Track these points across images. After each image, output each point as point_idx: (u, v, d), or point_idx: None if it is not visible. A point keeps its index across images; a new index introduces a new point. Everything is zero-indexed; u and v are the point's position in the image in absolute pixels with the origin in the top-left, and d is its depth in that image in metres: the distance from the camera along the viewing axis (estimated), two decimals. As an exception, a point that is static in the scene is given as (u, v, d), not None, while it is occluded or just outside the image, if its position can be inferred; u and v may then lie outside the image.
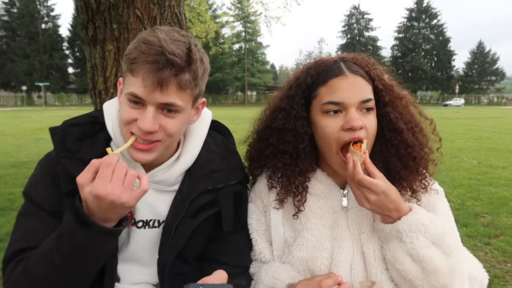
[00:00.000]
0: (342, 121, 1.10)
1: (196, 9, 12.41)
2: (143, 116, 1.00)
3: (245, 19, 57.48)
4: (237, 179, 1.24)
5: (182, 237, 1.14)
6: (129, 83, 1.01)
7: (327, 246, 1.16)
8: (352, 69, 1.13)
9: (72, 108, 41.42)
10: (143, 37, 1.01)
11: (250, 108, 43.55)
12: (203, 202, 1.16)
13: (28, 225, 1.12)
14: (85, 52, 2.25)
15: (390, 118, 1.14)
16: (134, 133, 1.03)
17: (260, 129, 1.29)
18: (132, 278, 1.18)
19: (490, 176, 7.07)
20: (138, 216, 1.17)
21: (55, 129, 1.15)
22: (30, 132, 15.06)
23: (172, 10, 2.16)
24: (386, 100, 1.15)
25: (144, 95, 0.99)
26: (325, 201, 1.20)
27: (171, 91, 0.99)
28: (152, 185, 1.16)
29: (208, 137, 1.26)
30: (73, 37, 57.08)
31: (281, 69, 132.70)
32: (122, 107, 1.05)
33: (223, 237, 1.23)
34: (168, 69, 0.97)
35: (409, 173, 1.15)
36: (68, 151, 1.10)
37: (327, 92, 1.12)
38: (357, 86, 1.11)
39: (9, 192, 5.82)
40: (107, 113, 1.18)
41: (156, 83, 0.97)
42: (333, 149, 1.13)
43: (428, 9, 64.98)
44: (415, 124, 1.19)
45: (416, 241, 1.02)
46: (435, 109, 41.24)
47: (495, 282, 3.14)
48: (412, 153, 1.15)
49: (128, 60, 1.01)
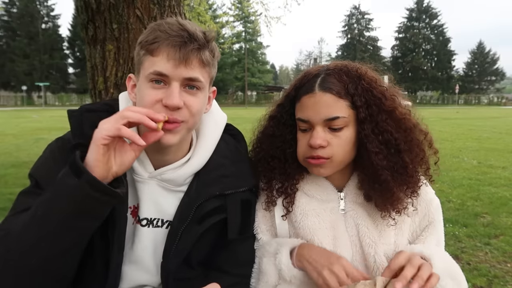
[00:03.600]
0: (309, 137, 1.13)
1: (196, 9, 12.40)
2: (169, 92, 1.00)
3: (245, 19, 57.51)
4: (247, 186, 1.21)
5: (187, 243, 1.12)
6: (150, 64, 1.01)
7: (330, 246, 1.16)
8: (324, 85, 1.11)
9: (72, 108, 41.34)
10: (158, 22, 1.04)
11: (250, 108, 43.69)
12: (210, 208, 1.14)
13: (30, 203, 1.03)
14: (85, 52, 2.25)
15: (361, 136, 1.12)
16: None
17: (257, 134, 1.33)
18: (134, 279, 1.16)
19: (490, 176, 7.07)
20: (142, 214, 1.15)
21: (74, 111, 1.14)
22: (30, 132, 15.06)
23: (172, 10, 2.16)
24: (362, 116, 1.11)
25: (169, 71, 0.99)
26: (322, 203, 1.21)
27: (195, 66, 1.01)
28: (159, 183, 1.14)
29: (221, 141, 1.23)
30: (73, 37, 57.00)
31: (281, 69, 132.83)
32: (142, 92, 1.04)
33: (227, 245, 1.20)
34: (191, 44, 0.99)
35: (378, 196, 1.12)
36: (84, 134, 1.08)
37: (299, 109, 1.16)
38: (323, 104, 1.10)
39: (9, 192, 5.83)
40: (122, 101, 1.18)
41: (182, 57, 0.99)
42: (301, 161, 1.19)
43: (428, 9, 64.97)
44: (405, 140, 1.12)
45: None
46: (435, 109, 41.25)
47: (495, 282, 3.15)
48: (381, 176, 1.09)
49: (146, 43, 1.01)
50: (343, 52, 69.11)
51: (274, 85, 73.94)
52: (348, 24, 70.00)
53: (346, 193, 1.22)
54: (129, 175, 1.13)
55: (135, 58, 1.08)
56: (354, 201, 1.20)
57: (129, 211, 1.13)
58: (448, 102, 61.46)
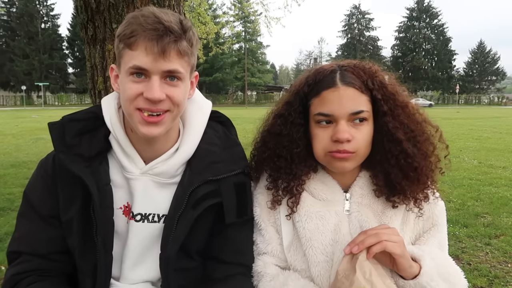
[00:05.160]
0: (332, 132, 1.12)
1: (196, 9, 12.39)
2: (149, 86, 1.01)
3: (245, 19, 57.49)
4: (239, 169, 1.21)
5: (183, 229, 1.12)
6: (129, 58, 1.02)
7: (328, 250, 1.16)
8: (346, 80, 1.12)
9: (72, 108, 41.23)
10: (134, 14, 1.03)
11: (250, 108, 43.65)
12: (203, 192, 1.14)
13: (23, 227, 1.14)
14: (85, 52, 2.25)
15: (388, 128, 1.13)
16: (141, 107, 1.03)
17: (262, 132, 1.31)
18: (131, 276, 1.16)
19: (490, 176, 7.08)
20: (136, 209, 1.15)
21: (54, 124, 1.14)
22: (30, 132, 15.06)
23: (172, 10, 2.16)
24: (384, 110, 1.13)
25: (148, 65, 1.00)
26: (327, 204, 1.20)
27: (173, 58, 1.01)
28: (152, 178, 1.14)
29: (209, 128, 1.23)
30: (73, 36, 57.04)
31: (281, 69, 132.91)
32: (124, 86, 1.04)
33: (225, 231, 1.19)
34: (168, 36, 0.99)
35: (410, 183, 1.14)
36: (67, 146, 1.10)
37: (319, 103, 1.14)
38: (348, 98, 1.10)
39: (8, 192, 5.82)
40: (105, 107, 1.17)
41: (160, 51, 0.99)
42: (321, 156, 1.17)
43: (428, 9, 64.98)
44: (420, 133, 1.16)
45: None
46: (435, 109, 41.23)
47: (495, 283, 3.14)
48: (413, 163, 1.13)
49: (124, 36, 1.01)
50: (343, 52, 69.13)
51: (274, 85, 73.96)
52: (348, 24, 70.01)
53: (351, 193, 1.21)
54: (120, 174, 1.15)
55: (115, 50, 1.08)
56: (359, 202, 1.20)
57: (120, 211, 1.14)
58: (449, 102, 61.51)
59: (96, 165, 1.11)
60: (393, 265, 1.08)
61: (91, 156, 1.11)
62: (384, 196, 1.18)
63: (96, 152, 1.12)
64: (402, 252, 1.05)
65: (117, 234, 1.14)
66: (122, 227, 1.14)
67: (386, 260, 1.08)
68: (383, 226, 1.11)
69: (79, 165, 1.09)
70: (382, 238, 1.04)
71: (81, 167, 1.08)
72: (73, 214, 1.10)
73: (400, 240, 1.06)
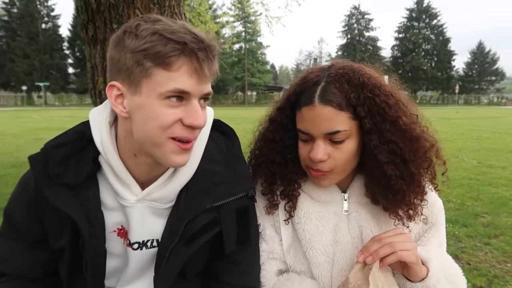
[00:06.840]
0: (310, 148, 1.11)
1: (196, 9, 12.40)
2: (192, 111, 0.90)
3: (245, 19, 57.52)
4: (242, 191, 1.07)
5: (177, 263, 1.03)
6: (166, 80, 0.87)
7: (329, 250, 1.16)
8: (324, 97, 1.06)
9: (72, 108, 41.45)
10: (162, 27, 0.87)
11: (250, 108, 43.62)
12: (200, 225, 1.02)
13: (5, 249, 1.06)
14: (85, 52, 2.26)
15: (370, 147, 1.08)
16: (176, 136, 0.91)
17: (258, 135, 1.30)
18: None
19: (490, 176, 7.07)
20: (133, 238, 1.05)
21: (36, 157, 1.00)
22: (30, 132, 15.06)
23: (172, 10, 2.16)
24: (368, 128, 1.07)
25: (192, 88, 0.89)
26: (326, 205, 1.20)
27: (209, 79, 0.93)
28: (149, 204, 1.03)
29: (210, 142, 1.09)
30: (73, 37, 56.97)
31: (281, 69, 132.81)
32: (154, 112, 0.89)
33: (226, 255, 1.09)
34: (208, 57, 0.90)
35: (391, 205, 1.11)
36: (50, 177, 0.97)
37: (299, 119, 1.12)
38: (323, 118, 1.05)
39: (9, 192, 5.77)
40: (94, 124, 1.01)
41: (202, 73, 0.89)
42: (304, 168, 1.18)
43: (428, 9, 64.95)
44: (410, 151, 1.08)
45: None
46: (435, 109, 41.24)
47: (495, 282, 3.15)
48: (394, 186, 1.07)
49: (159, 54, 0.85)
50: (343, 52, 69.02)
51: (274, 85, 73.88)
52: (348, 24, 69.96)
53: (350, 194, 1.20)
54: (112, 196, 1.04)
55: (127, 64, 0.89)
56: (358, 202, 1.19)
57: (115, 234, 1.06)
58: (448, 102, 61.44)
59: (85, 191, 0.99)
60: (404, 269, 1.06)
61: (78, 184, 0.98)
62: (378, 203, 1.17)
63: (83, 178, 0.99)
64: (416, 259, 1.03)
65: (111, 255, 1.06)
66: (117, 248, 1.07)
67: (397, 265, 1.07)
68: (395, 232, 1.07)
69: (66, 198, 0.97)
70: (396, 249, 1.01)
71: (68, 200, 0.97)
72: (63, 243, 1.02)
73: (414, 247, 1.04)
